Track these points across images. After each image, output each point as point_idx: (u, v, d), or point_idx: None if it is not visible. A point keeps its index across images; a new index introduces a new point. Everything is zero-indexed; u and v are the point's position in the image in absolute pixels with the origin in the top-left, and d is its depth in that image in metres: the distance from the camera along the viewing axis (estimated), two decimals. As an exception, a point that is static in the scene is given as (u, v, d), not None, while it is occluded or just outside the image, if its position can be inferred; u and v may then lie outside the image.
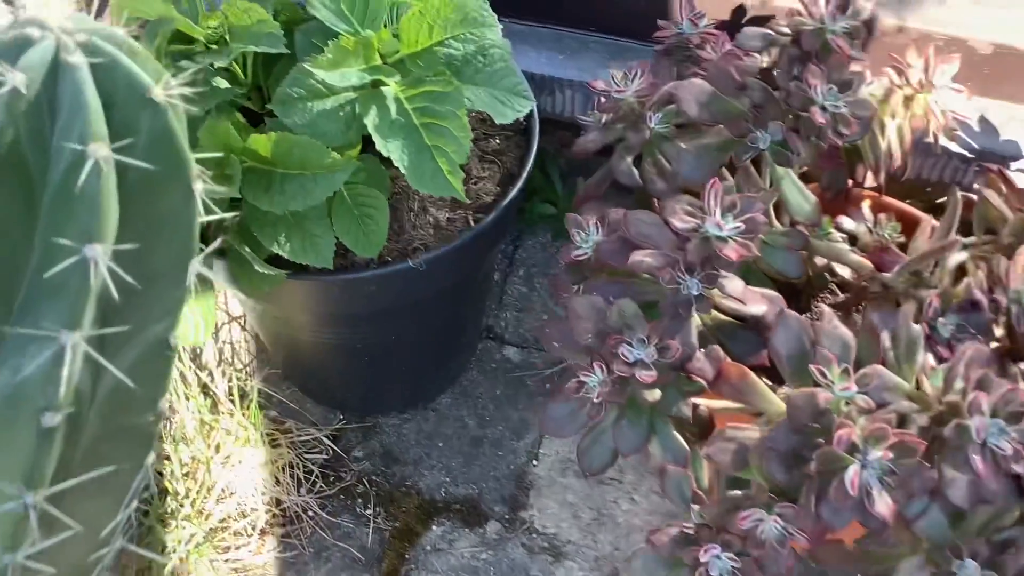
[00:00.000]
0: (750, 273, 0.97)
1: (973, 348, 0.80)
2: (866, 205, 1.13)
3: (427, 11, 0.91)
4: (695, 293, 0.86)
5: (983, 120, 1.28)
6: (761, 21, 1.28)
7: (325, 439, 1.31)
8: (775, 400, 0.83)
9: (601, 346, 0.88)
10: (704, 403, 0.94)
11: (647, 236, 0.92)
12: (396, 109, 0.93)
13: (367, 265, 1.03)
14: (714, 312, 0.91)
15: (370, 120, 0.91)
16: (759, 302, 0.89)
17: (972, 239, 1.08)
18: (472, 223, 1.08)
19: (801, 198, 0.93)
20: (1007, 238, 1.02)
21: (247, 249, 0.97)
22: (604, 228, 0.98)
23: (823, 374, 0.78)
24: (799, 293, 1.09)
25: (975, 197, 1.15)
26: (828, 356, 0.79)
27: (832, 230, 1.06)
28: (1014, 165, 1.27)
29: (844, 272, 1.04)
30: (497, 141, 1.15)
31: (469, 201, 1.09)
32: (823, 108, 0.87)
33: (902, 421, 0.78)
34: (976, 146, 1.25)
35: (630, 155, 1.05)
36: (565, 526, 1.25)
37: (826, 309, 1.03)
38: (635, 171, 1.05)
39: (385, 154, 0.91)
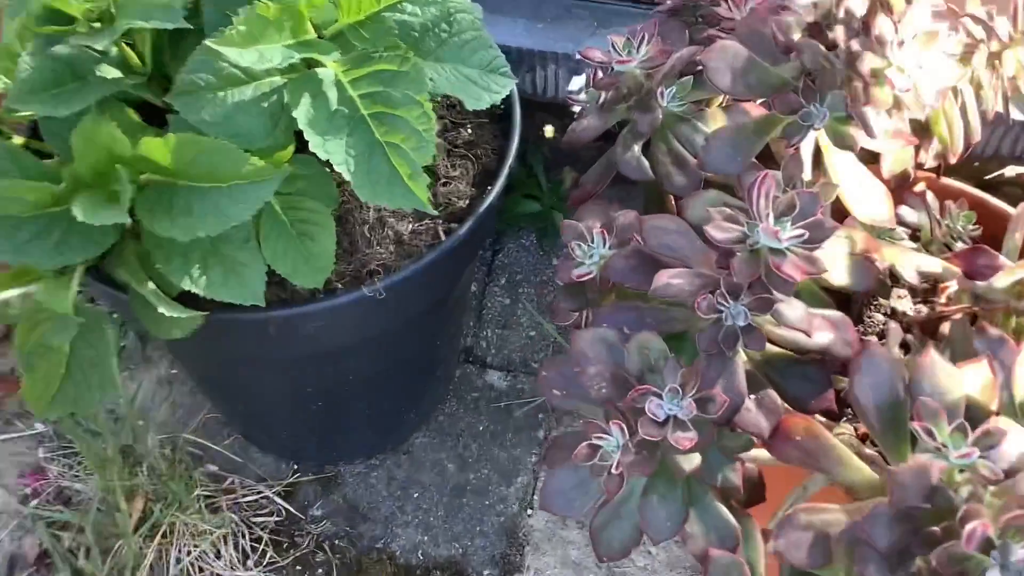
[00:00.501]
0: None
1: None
2: (922, 189, 0.92)
3: (371, -36, 0.69)
4: (742, 324, 0.65)
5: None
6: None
7: (276, 497, 1.09)
8: (857, 465, 0.63)
9: (619, 398, 0.67)
10: (752, 455, 0.73)
11: (672, 249, 0.70)
12: (337, 97, 0.70)
13: (312, 296, 0.81)
14: (762, 343, 0.70)
15: (302, 113, 0.69)
16: (823, 329, 0.68)
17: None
18: (442, 235, 0.86)
19: (869, 190, 0.72)
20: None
21: (150, 286, 0.74)
22: (612, 237, 0.77)
23: (930, 434, 0.57)
24: (849, 301, 0.88)
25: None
26: (935, 408, 0.58)
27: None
28: (1087, 134, 1.07)
29: (910, 276, 0.83)
30: (469, 131, 0.93)
31: (437, 209, 0.87)
32: (901, 70, 0.66)
33: (1040, 495, 0.57)
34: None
35: (637, 142, 0.83)
36: (570, 590, 1.04)
37: (888, 328, 0.82)
38: (644, 162, 0.83)
39: (323, 156, 0.69)
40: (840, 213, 0.77)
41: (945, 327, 0.77)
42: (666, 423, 0.65)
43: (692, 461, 0.66)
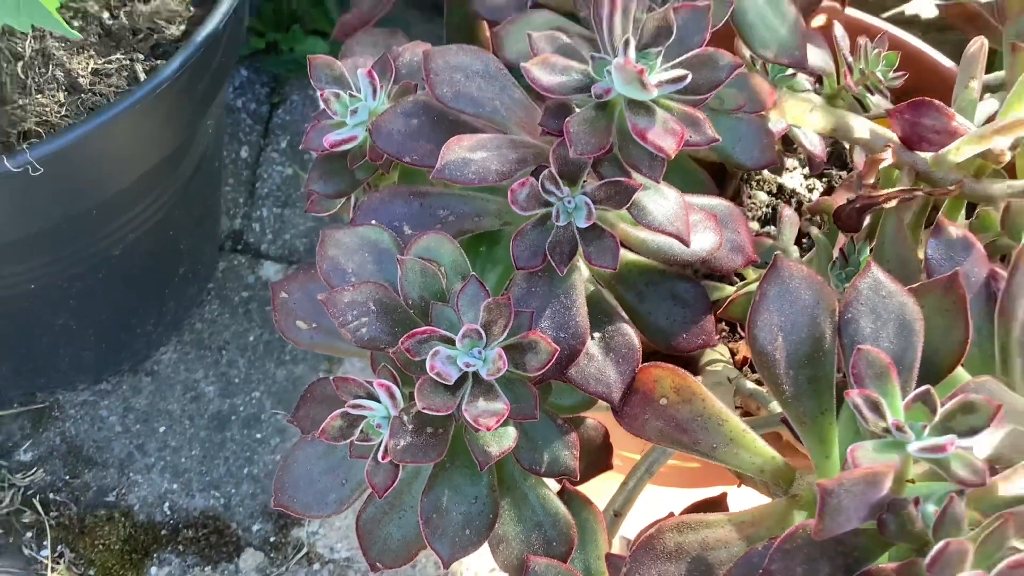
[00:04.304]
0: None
1: None
2: (825, 23, 0.69)
3: None
4: (583, 225, 0.40)
5: None
6: None
7: (-38, 441, 0.80)
8: (757, 447, 0.40)
9: (392, 340, 0.41)
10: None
11: (476, 102, 0.45)
12: None
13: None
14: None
15: None
16: (704, 229, 0.44)
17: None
18: (141, 75, 0.57)
19: (772, 14, 0.47)
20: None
21: None
22: (391, 83, 0.50)
23: (876, 409, 0.35)
24: (723, 172, 0.65)
25: None
26: (882, 363, 0.36)
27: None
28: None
29: (812, 144, 0.60)
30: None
31: (135, 37, 0.58)
32: None
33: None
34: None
35: (434, -62, 0.56)
36: (365, 545, 0.81)
37: (781, 216, 0.60)
38: (445, -31, 0.56)
39: None
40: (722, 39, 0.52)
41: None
42: (461, 385, 0.40)
43: (504, 439, 0.42)
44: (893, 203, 0.49)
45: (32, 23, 0.43)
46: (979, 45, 0.52)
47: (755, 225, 0.69)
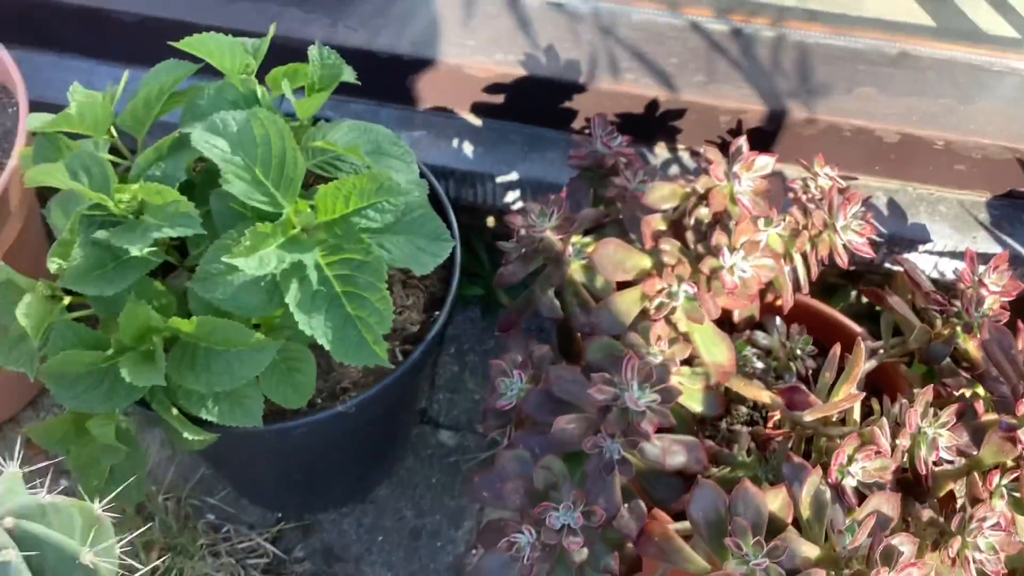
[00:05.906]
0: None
1: (876, 515, 0.85)
2: (779, 305, 1.17)
3: (343, 185, 0.92)
4: (617, 457, 0.90)
5: (892, 203, 1.33)
6: (674, 116, 1.30)
7: (265, 543, 1.33)
8: (698, 561, 0.88)
9: (530, 507, 0.91)
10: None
11: (570, 393, 0.95)
12: (317, 278, 0.93)
13: (297, 411, 1.05)
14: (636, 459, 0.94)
15: (291, 297, 0.91)
16: (679, 454, 0.93)
17: (880, 344, 1.13)
18: (400, 356, 1.10)
19: (716, 349, 0.97)
20: (913, 343, 1.08)
21: (174, 411, 0.97)
22: (529, 368, 1.01)
23: (738, 546, 0.83)
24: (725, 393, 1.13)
25: (884, 292, 1.20)
26: (743, 526, 0.83)
27: (748, 348, 1.10)
28: (922, 247, 1.33)
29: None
30: (420, 264, 1.17)
31: (393, 334, 1.11)
32: (731, 271, 0.90)
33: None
34: (885, 231, 1.30)
35: (551, 287, 1.07)
36: (505, 616, 1.29)
37: (740, 433, 1.07)
38: (557, 304, 1.07)
39: (308, 332, 0.92)
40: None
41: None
42: (562, 530, 0.89)
43: (582, 554, 0.91)
44: (781, 437, 0.97)
45: (369, 363, 0.96)
46: (834, 351, 1.00)
47: (739, 427, 1.17)
